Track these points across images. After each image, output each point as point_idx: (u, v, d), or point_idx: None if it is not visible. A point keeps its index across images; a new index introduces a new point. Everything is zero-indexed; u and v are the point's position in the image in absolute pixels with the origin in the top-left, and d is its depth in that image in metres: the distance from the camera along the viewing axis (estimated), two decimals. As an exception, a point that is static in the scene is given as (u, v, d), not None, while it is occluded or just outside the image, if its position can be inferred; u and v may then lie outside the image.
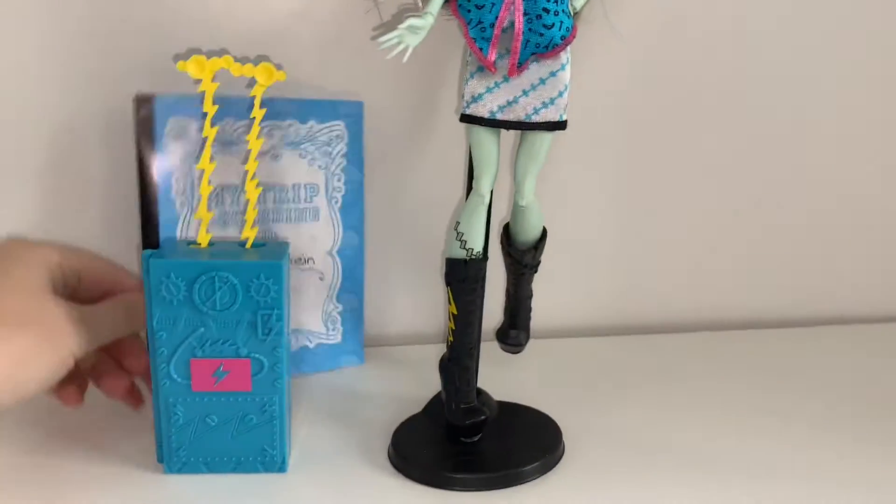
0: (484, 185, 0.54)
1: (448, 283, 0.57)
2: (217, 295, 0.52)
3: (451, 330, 0.58)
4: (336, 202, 0.71)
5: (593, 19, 0.60)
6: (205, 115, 0.55)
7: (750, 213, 0.84)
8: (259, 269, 0.52)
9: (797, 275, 0.87)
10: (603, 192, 0.80)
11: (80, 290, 0.55)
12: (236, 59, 0.53)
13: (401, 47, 0.50)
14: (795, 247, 0.86)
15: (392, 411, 0.64)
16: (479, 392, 0.63)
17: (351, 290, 0.73)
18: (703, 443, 0.62)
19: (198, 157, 0.65)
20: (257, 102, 0.54)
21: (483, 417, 0.59)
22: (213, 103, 0.55)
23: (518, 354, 0.65)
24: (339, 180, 0.70)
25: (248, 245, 0.56)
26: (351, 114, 0.70)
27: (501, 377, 0.67)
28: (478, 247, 0.56)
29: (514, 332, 0.64)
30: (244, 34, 0.68)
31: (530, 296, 0.64)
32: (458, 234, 0.56)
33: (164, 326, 0.52)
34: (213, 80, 0.54)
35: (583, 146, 0.77)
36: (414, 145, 0.74)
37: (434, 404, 0.63)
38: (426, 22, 0.50)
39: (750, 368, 0.76)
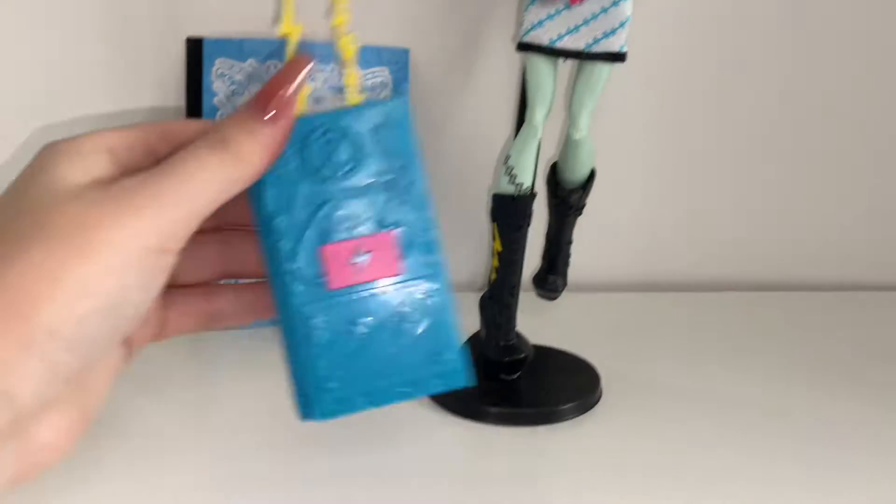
0: (538, 115, 0.54)
1: (494, 219, 0.57)
2: (339, 151, 0.39)
3: (495, 268, 0.58)
4: (378, 149, 0.70)
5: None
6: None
7: (792, 172, 0.84)
8: (383, 111, 0.39)
9: (839, 237, 0.87)
10: (647, 143, 0.79)
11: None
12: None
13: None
14: (835, 208, 0.86)
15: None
16: (517, 335, 0.63)
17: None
18: (742, 393, 0.62)
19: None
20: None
21: (523, 355, 0.59)
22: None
23: (554, 304, 0.65)
24: (382, 127, 0.70)
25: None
26: (396, 60, 0.71)
27: (537, 325, 0.67)
28: (527, 182, 0.56)
29: (552, 277, 0.64)
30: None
31: (570, 241, 0.63)
32: (507, 168, 0.56)
33: (280, 208, 0.38)
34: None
35: (627, 90, 0.76)
36: (458, 91, 0.74)
37: (472, 343, 0.63)
38: None
39: (789, 327, 0.76)
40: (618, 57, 0.52)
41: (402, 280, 0.40)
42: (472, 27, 0.72)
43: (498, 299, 0.59)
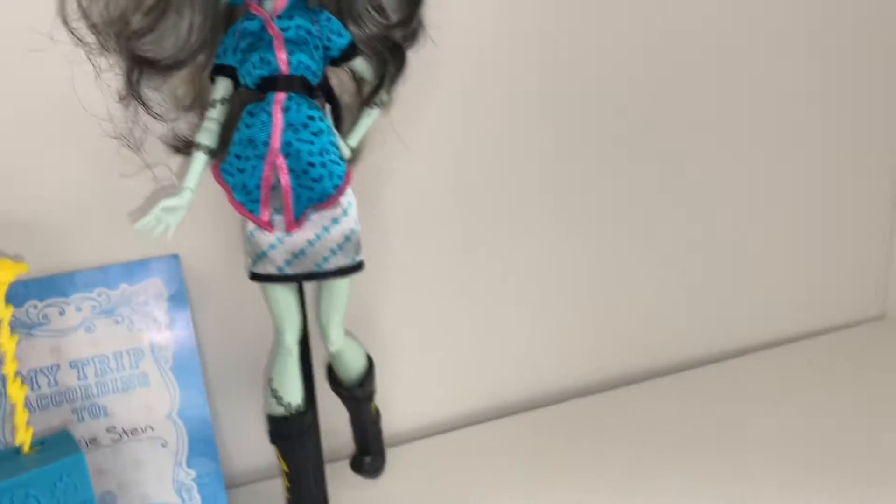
0: (288, 338, 0.53)
1: (273, 441, 0.55)
2: None
3: (287, 488, 0.56)
4: (166, 362, 0.67)
5: (384, 143, 0.60)
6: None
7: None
8: (60, 471, 0.49)
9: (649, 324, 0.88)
10: (438, 280, 0.78)
11: None
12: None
13: (161, 228, 0.48)
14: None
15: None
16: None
17: (203, 453, 0.68)
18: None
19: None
20: (1, 300, 0.50)
21: (336, 574, 0.56)
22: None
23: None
24: (165, 339, 0.68)
25: (26, 448, 0.51)
26: (166, 269, 0.68)
27: (363, 499, 0.64)
28: (296, 400, 0.54)
29: (369, 459, 0.63)
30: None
31: (376, 419, 0.62)
32: (272, 391, 0.54)
33: None
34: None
35: (419, 249, 0.76)
36: (237, 290, 0.71)
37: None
38: (183, 200, 0.48)
39: (610, 434, 0.76)
40: (353, 269, 0.51)
41: None
42: (236, 227, 0.70)
43: (298, 519, 0.56)
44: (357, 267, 0.51)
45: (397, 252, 0.75)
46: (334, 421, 0.70)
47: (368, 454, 0.63)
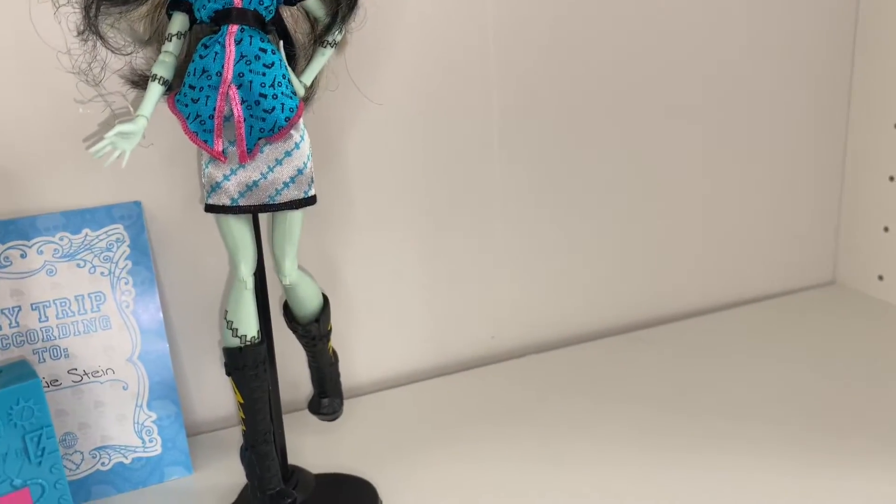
0: (243, 270, 0.54)
1: (228, 373, 0.56)
2: None
3: (242, 419, 0.57)
4: (127, 306, 0.69)
5: (336, 87, 0.61)
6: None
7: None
8: (17, 394, 0.51)
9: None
10: (404, 240, 0.80)
11: None
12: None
13: (116, 154, 0.50)
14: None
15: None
16: (294, 471, 0.62)
17: (163, 395, 0.70)
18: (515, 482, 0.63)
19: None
20: None
21: (290, 501, 0.58)
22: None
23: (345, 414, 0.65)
24: (126, 283, 0.69)
25: None
26: (128, 215, 0.69)
27: (322, 444, 0.66)
28: (251, 332, 0.55)
29: (327, 400, 0.64)
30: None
31: (333, 362, 0.64)
32: (227, 322, 0.55)
33: None
34: None
35: (380, 202, 0.77)
36: (198, 235, 0.73)
37: (243, 497, 0.62)
38: (138, 126, 0.50)
39: (565, 389, 0.78)
40: (306, 202, 0.53)
41: None
42: (198, 175, 0.72)
43: (253, 449, 0.58)
44: (310, 200, 0.53)
45: (358, 204, 0.77)
46: (295, 373, 0.72)
47: (326, 396, 0.65)
